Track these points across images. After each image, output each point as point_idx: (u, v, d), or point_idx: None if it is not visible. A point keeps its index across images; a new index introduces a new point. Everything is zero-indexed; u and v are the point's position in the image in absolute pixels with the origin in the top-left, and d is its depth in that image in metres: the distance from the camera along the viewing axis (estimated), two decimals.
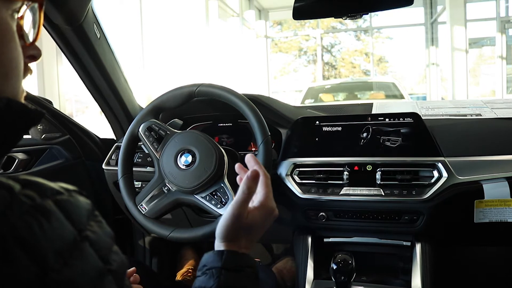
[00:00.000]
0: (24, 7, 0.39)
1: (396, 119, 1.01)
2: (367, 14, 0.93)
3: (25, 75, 0.41)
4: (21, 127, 0.38)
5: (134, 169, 1.03)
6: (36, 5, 0.40)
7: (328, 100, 5.72)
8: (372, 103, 1.25)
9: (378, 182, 0.96)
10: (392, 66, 11.24)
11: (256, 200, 0.57)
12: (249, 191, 0.55)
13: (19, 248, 0.26)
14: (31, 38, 0.41)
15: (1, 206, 0.27)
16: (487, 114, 1.10)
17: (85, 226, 0.32)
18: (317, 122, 1.07)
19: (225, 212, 0.55)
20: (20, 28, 0.40)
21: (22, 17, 0.40)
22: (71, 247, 0.29)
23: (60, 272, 0.28)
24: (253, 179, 0.55)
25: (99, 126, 1.58)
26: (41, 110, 0.39)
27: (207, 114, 1.26)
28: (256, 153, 0.93)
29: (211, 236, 0.91)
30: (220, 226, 0.55)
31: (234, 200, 0.55)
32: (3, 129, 0.35)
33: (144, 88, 5.50)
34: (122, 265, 0.34)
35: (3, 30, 0.36)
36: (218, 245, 0.55)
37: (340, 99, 5.95)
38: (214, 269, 0.51)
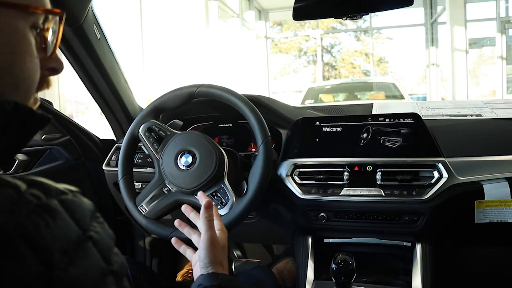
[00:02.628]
0: (51, 19, 0.39)
1: (396, 120, 1.01)
2: (367, 14, 0.93)
3: (42, 87, 0.41)
4: (28, 130, 0.38)
5: (134, 170, 1.03)
6: (56, 17, 0.40)
7: (328, 100, 5.71)
8: (372, 104, 1.25)
9: (378, 183, 0.96)
10: (392, 66, 11.26)
11: (216, 227, 0.71)
12: (210, 218, 0.70)
13: (26, 246, 0.26)
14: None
15: (8, 204, 0.27)
16: (487, 114, 1.10)
17: (88, 226, 0.32)
18: (317, 122, 1.07)
19: (202, 243, 0.68)
20: (43, 40, 0.39)
21: (47, 29, 0.39)
22: (76, 246, 0.30)
23: (65, 271, 0.28)
24: (209, 208, 0.71)
25: (99, 127, 1.58)
26: (47, 115, 0.39)
27: (207, 114, 1.26)
28: (256, 153, 0.93)
29: None
30: (204, 254, 0.66)
31: (204, 231, 0.68)
32: (10, 132, 0.35)
33: (144, 88, 5.50)
34: (123, 266, 0.34)
35: (18, 41, 0.36)
36: (206, 270, 0.65)
37: (340, 100, 5.95)
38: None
